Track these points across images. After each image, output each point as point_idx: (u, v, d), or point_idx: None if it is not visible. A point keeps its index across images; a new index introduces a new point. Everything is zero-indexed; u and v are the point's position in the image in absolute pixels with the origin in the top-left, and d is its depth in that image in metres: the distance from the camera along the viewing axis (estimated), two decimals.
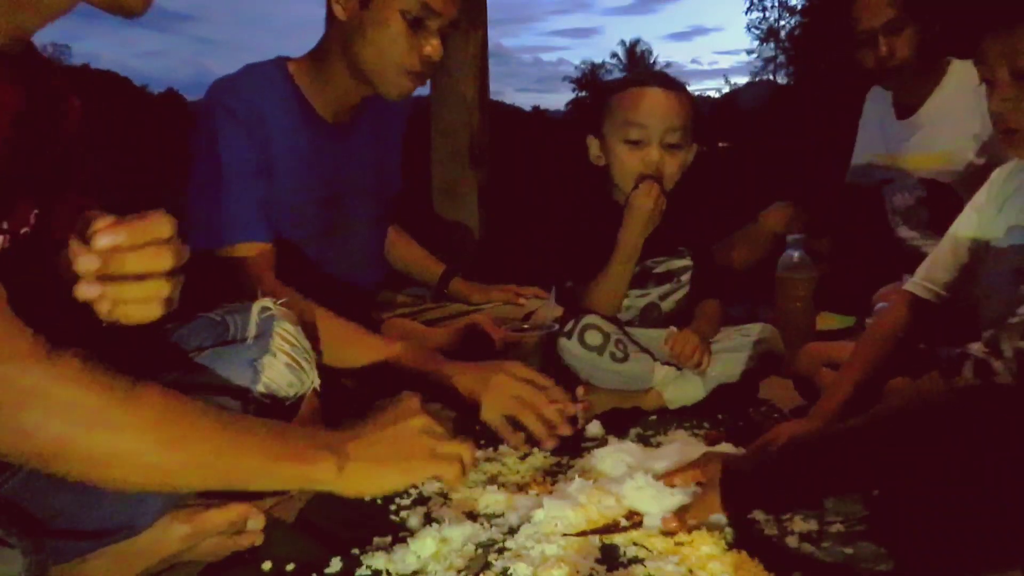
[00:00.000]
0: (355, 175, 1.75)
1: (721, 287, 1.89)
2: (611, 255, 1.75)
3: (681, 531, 1.12)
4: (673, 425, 1.61)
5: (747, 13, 47.70)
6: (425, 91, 1.91)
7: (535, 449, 1.43)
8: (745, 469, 1.17)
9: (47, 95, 1.00)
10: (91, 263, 0.81)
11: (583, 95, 53.95)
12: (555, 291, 1.98)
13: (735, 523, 1.14)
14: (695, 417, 1.66)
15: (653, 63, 57.99)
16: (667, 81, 1.79)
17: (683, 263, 1.85)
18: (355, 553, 1.09)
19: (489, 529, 1.14)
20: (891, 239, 2.39)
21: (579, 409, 1.36)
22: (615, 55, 59.30)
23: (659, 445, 1.47)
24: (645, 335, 1.78)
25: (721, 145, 14.48)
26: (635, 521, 1.16)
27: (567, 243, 1.85)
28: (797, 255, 2.00)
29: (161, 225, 0.84)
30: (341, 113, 1.70)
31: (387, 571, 1.05)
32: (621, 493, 1.20)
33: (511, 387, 1.30)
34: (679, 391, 1.72)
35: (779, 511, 1.16)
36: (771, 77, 45.39)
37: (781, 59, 43.50)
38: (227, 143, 1.54)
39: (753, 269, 2.53)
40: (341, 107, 1.69)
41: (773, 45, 44.33)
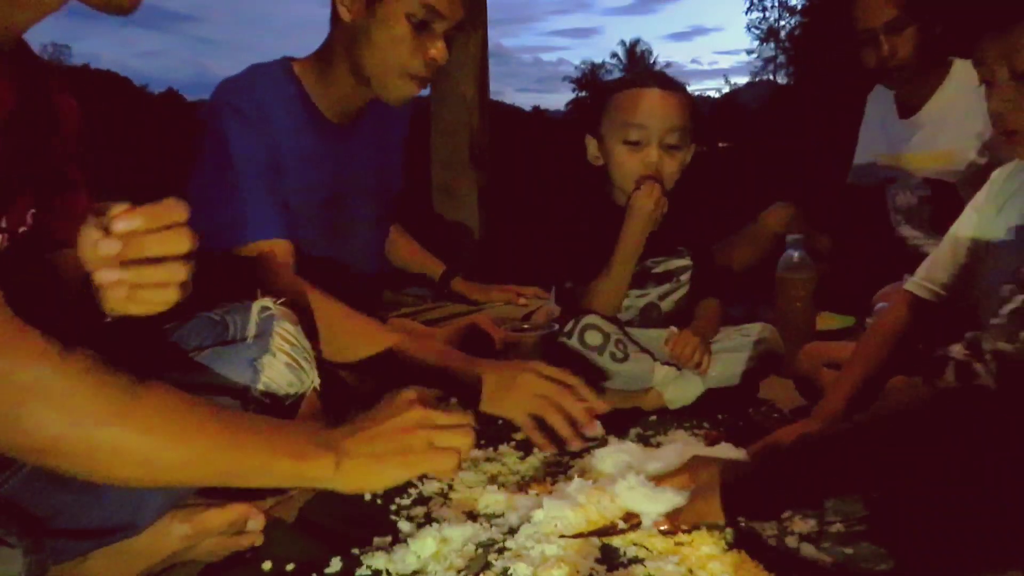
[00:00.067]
0: (358, 176, 1.75)
1: (721, 287, 1.89)
2: (611, 255, 1.75)
3: (674, 531, 1.12)
4: (673, 425, 1.61)
5: (747, 13, 47.70)
6: (425, 91, 1.90)
7: (535, 449, 1.43)
8: (744, 475, 1.17)
9: (40, 93, 1.00)
10: (112, 247, 0.83)
11: (583, 95, 53.96)
12: (555, 291, 1.98)
13: (733, 524, 1.14)
14: (695, 417, 1.66)
15: (653, 63, 58.04)
16: (666, 81, 1.78)
17: (682, 263, 1.85)
18: (355, 553, 1.09)
19: (489, 529, 1.14)
20: (892, 239, 2.40)
21: (605, 409, 1.33)
22: (615, 55, 59.39)
23: (659, 445, 1.46)
24: (645, 335, 1.78)
25: (721, 145, 14.48)
26: (633, 523, 1.15)
27: (567, 243, 1.85)
28: (797, 255, 2.00)
29: (176, 209, 0.86)
30: (345, 114, 1.69)
31: (387, 571, 1.05)
32: (614, 492, 1.20)
33: (538, 386, 1.28)
34: (679, 391, 1.72)
35: (779, 516, 1.16)
36: (771, 77, 45.42)
37: (781, 59, 43.51)
38: (239, 142, 1.53)
39: (753, 269, 2.53)
40: (345, 108, 1.69)
41: (773, 45, 44.36)
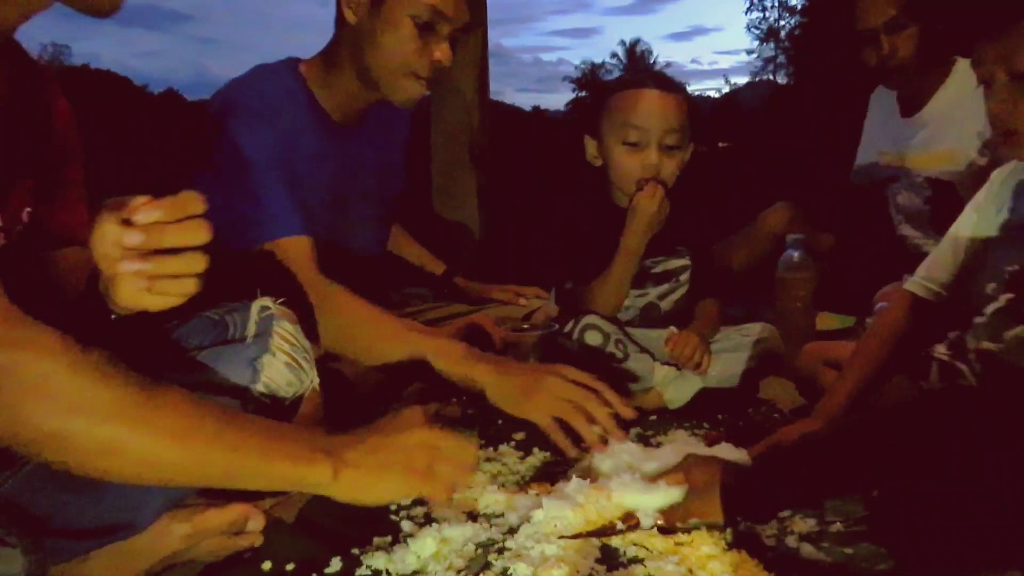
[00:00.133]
0: (360, 176, 1.75)
1: (720, 287, 1.88)
2: (611, 256, 1.74)
3: (675, 531, 1.12)
4: (673, 425, 1.60)
5: (747, 13, 47.76)
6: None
7: (535, 449, 1.43)
8: (743, 475, 1.17)
9: (33, 93, 1.00)
10: (135, 237, 0.85)
11: (583, 95, 53.96)
12: (555, 291, 1.98)
13: (733, 524, 1.14)
14: (695, 417, 1.65)
15: (653, 63, 58.11)
16: (664, 82, 1.77)
17: (681, 263, 1.85)
18: (355, 553, 1.09)
19: (489, 529, 1.14)
20: (892, 239, 2.39)
21: (632, 415, 1.33)
22: (615, 55, 59.42)
23: (659, 445, 1.46)
24: (645, 335, 1.78)
25: (721, 145, 14.47)
26: (632, 523, 1.15)
27: (567, 243, 1.85)
28: (797, 255, 2.00)
29: (194, 201, 0.88)
30: (349, 115, 1.70)
31: (387, 571, 1.04)
32: (609, 488, 1.20)
33: (563, 389, 1.28)
34: (679, 391, 1.72)
35: (777, 515, 1.16)
36: (771, 77, 45.42)
37: (781, 59, 43.53)
38: (254, 140, 1.52)
39: (753, 269, 2.53)
40: (350, 109, 1.69)
41: (773, 45, 44.39)
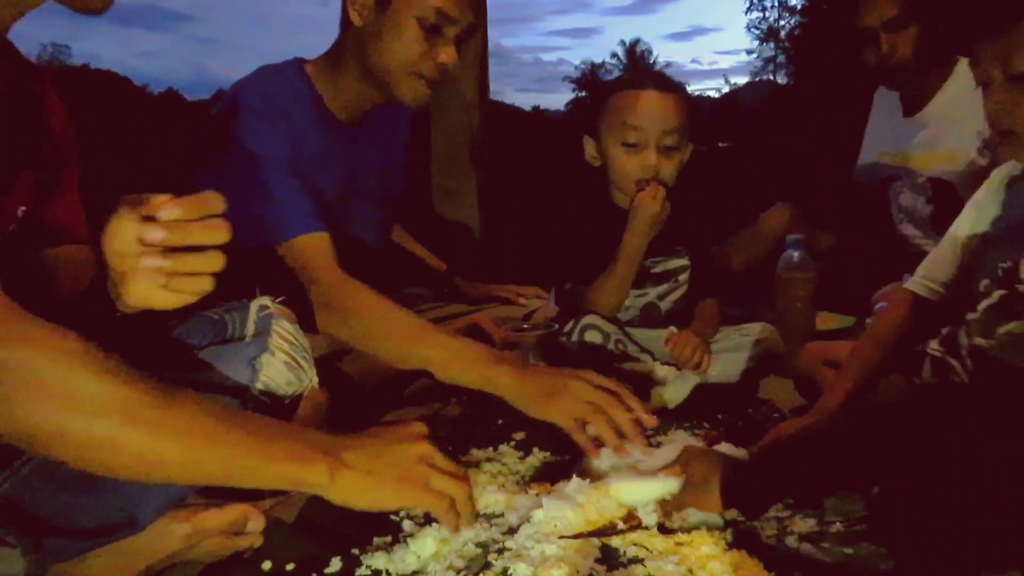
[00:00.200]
0: (363, 177, 1.75)
1: (719, 286, 1.88)
2: (611, 256, 1.74)
3: (668, 520, 1.14)
4: (673, 425, 1.60)
5: (747, 13, 47.87)
6: None
7: (535, 449, 1.44)
8: (741, 467, 1.17)
9: (27, 92, 1.00)
10: (158, 233, 0.86)
11: (583, 95, 53.98)
12: (555, 291, 1.98)
13: (733, 524, 1.14)
14: (695, 417, 1.65)
15: (653, 63, 58.16)
16: (663, 82, 1.77)
17: (680, 263, 1.85)
18: (355, 553, 1.09)
19: (489, 529, 1.14)
20: (892, 238, 2.39)
21: (655, 423, 1.34)
22: (615, 55, 59.46)
23: (659, 445, 1.46)
24: (645, 335, 1.78)
25: (721, 145, 14.48)
26: (633, 524, 1.15)
27: (567, 243, 1.85)
28: (797, 255, 2.00)
29: (215, 201, 0.89)
30: (354, 116, 1.70)
31: (387, 571, 1.04)
32: (608, 484, 1.20)
33: (586, 392, 1.29)
34: (679, 391, 1.72)
35: (774, 505, 1.16)
36: (771, 77, 45.44)
37: (781, 59, 43.55)
38: (266, 140, 1.53)
39: (753, 269, 2.53)
40: (354, 110, 1.69)
41: (773, 45, 44.41)
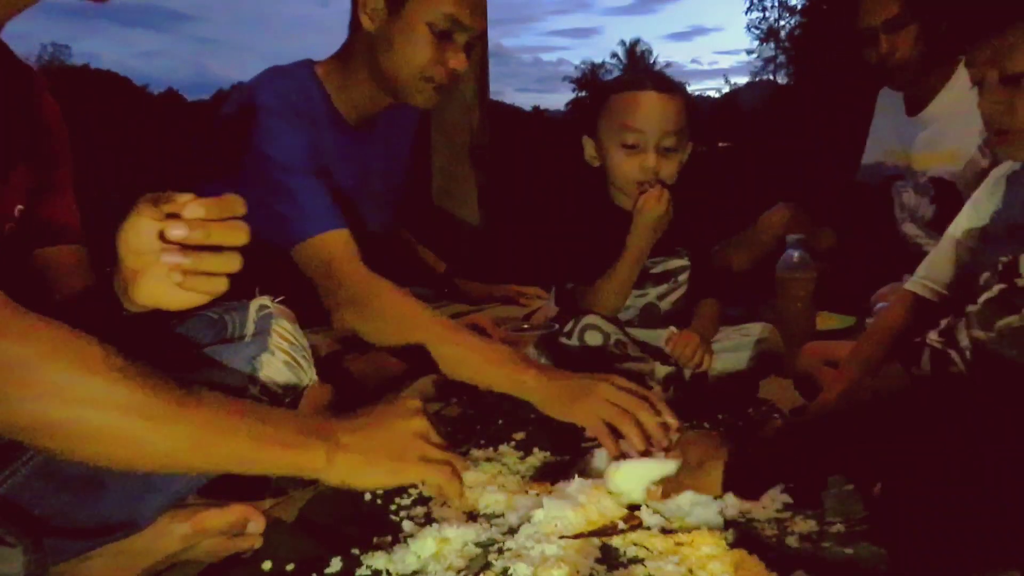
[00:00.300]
0: (369, 179, 1.76)
1: (719, 287, 1.88)
2: (611, 256, 1.74)
3: (663, 499, 1.16)
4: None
5: (747, 13, 47.85)
6: None
7: (535, 449, 1.44)
8: (739, 450, 1.18)
9: (22, 92, 1.01)
10: (181, 230, 0.88)
11: (583, 95, 53.98)
12: (555, 291, 1.98)
13: (733, 524, 1.14)
14: (695, 417, 1.65)
15: (653, 63, 58.18)
16: (663, 83, 1.76)
17: (680, 263, 1.85)
18: (355, 553, 1.09)
19: (489, 529, 1.13)
20: (892, 238, 2.39)
21: (679, 426, 1.34)
22: (615, 55, 59.51)
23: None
24: (645, 335, 1.78)
25: (721, 145, 14.47)
26: (632, 524, 1.15)
27: (567, 244, 1.85)
28: (797, 255, 2.00)
29: (237, 203, 0.90)
30: (363, 118, 1.70)
31: (387, 571, 1.04)
32: (607, 473, 1.21)
33: (614, 395, 1.30)
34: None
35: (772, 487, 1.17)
36: (771, 77, 45.44)
37: (781, 59, 43.55)
38: (284, 139, 1.53)
39: (753, 269, 2.53)
40: (364, 112, 1.70)
41: (773, 45, 44.40)
